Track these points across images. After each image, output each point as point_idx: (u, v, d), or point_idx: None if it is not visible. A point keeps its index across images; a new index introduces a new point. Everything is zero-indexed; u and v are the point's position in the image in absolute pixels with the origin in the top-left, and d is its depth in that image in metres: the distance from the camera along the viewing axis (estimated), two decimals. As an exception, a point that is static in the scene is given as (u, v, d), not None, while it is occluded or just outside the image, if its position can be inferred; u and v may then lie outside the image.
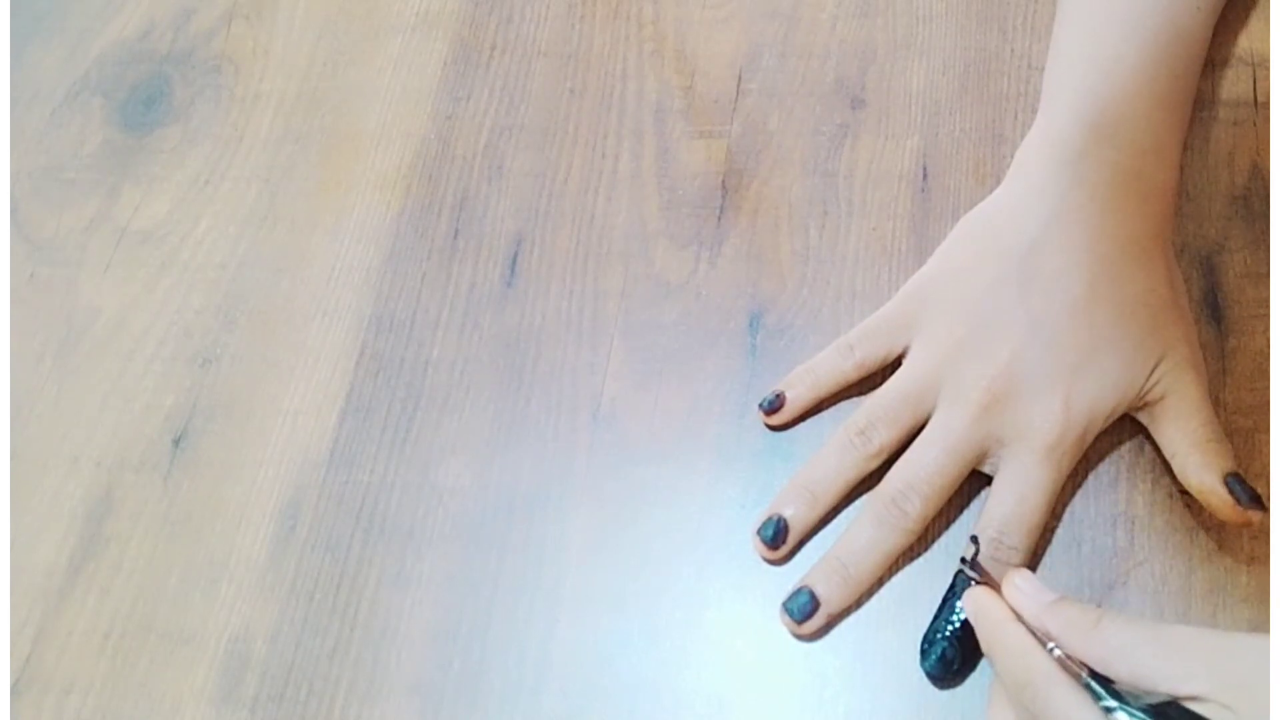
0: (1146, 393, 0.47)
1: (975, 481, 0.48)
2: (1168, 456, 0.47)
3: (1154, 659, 0.37)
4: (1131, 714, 0.36)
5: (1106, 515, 0.47)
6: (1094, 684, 0.38)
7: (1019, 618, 0.41)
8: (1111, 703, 0.37)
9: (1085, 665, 0.38)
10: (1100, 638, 0.38)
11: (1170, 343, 0.47)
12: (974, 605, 0.43)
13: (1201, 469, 0.45)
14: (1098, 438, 0.48)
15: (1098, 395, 0.46)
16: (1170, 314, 0.48)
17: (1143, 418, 0.48)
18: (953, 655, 0.45)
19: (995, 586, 0.43)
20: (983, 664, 0.45)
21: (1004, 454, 0.47)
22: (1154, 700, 0.36)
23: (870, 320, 0.51)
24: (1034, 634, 0.40)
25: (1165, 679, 0.36)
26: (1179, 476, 0.46)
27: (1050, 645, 0.39)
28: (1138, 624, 0.39)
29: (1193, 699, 0.36)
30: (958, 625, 0.45)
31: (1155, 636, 0.38)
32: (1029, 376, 0.47)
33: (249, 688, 0.49)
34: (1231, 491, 0.44)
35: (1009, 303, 0.48)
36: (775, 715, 0.46)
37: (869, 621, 0.47)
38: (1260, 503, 0.44)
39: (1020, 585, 0.42)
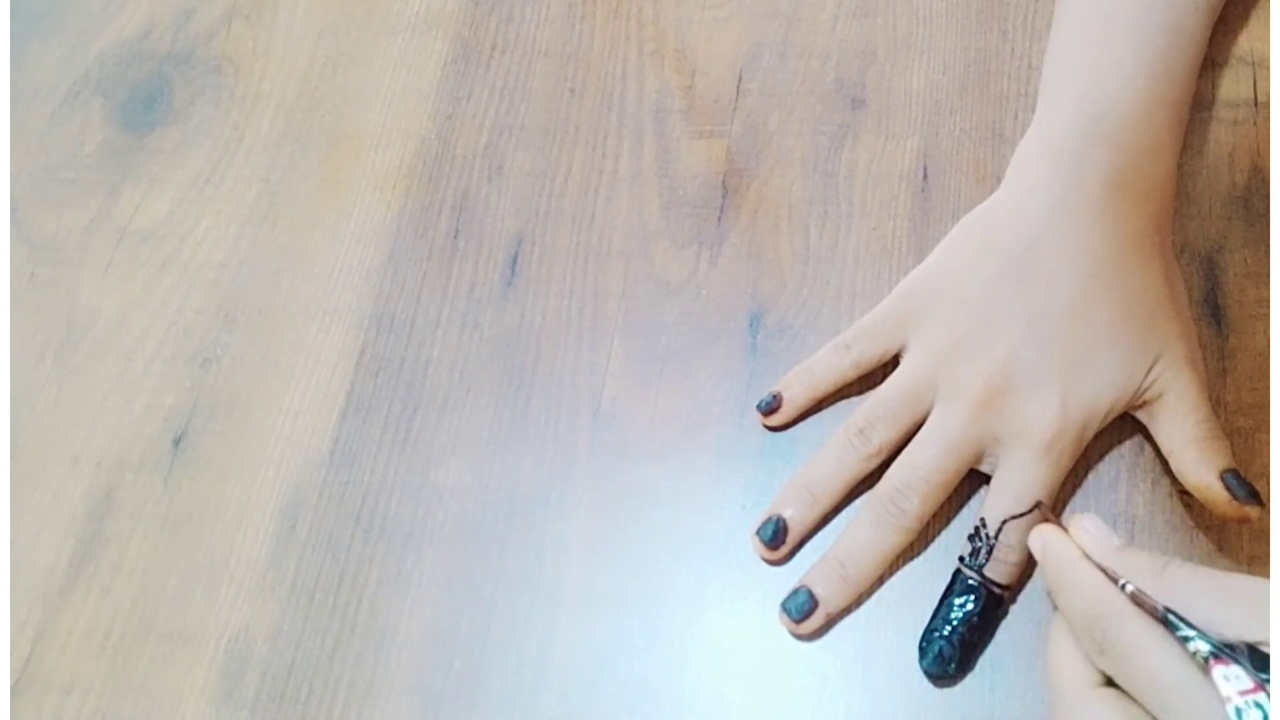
0: (1144, 391, 0.47)
1: (974, 481, 0.48)
2: (1166, 454, 0.47)
3: (1220, 606, 0.37)
4: (1209, 642, 0.36)
5: (1106, 515, 0.47)
6: (1171, 616, 0.37)
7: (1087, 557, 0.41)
8: (1190, 632, 0.36)
9: (1160, 603, 0.38)
10: (1168, 584, 0.38)
11: (1168, 341, 0.47)
12: (1043, 542, 0.42)
13: (1199, 466, 0.45)
14: (1097, 437, 0.48)
15: (1095, 393, 0.46)
16: (1168, 312, 0.48)
17: (1141, 416, 0.48)
18: (950, 653, 0.45)
19: (1060, 527, 0.42)
20: (982, 663, 0.45)
21: (1002, 452, 0.47)
22: (1225, 639, 0.36)
23: (867, 319, 0.51)
24: (1103, 568, 0.40)
25: (1232, 624, 0.36)
26: (1177, 474, 0.46)
27: (1123, 582, 0.39)
28: (1204, 572, 0.38)
29: (1259, 644, 0.35)
30: (956, 624, 0.45)
31: (1222, 585, 0.37)
32: (1026, 374, 0.47)
33: (249, 688, 0.49)
34: (1228, 487, 0.44)
35: (1006, 301, 0.48)
36: (775, 715, 0.46)
37: (869, 621, 0.47)
38: (1258, 498, 0.44)
39: (1088, 528, 0.41)
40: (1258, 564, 0.46)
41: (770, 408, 0.51)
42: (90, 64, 0.66)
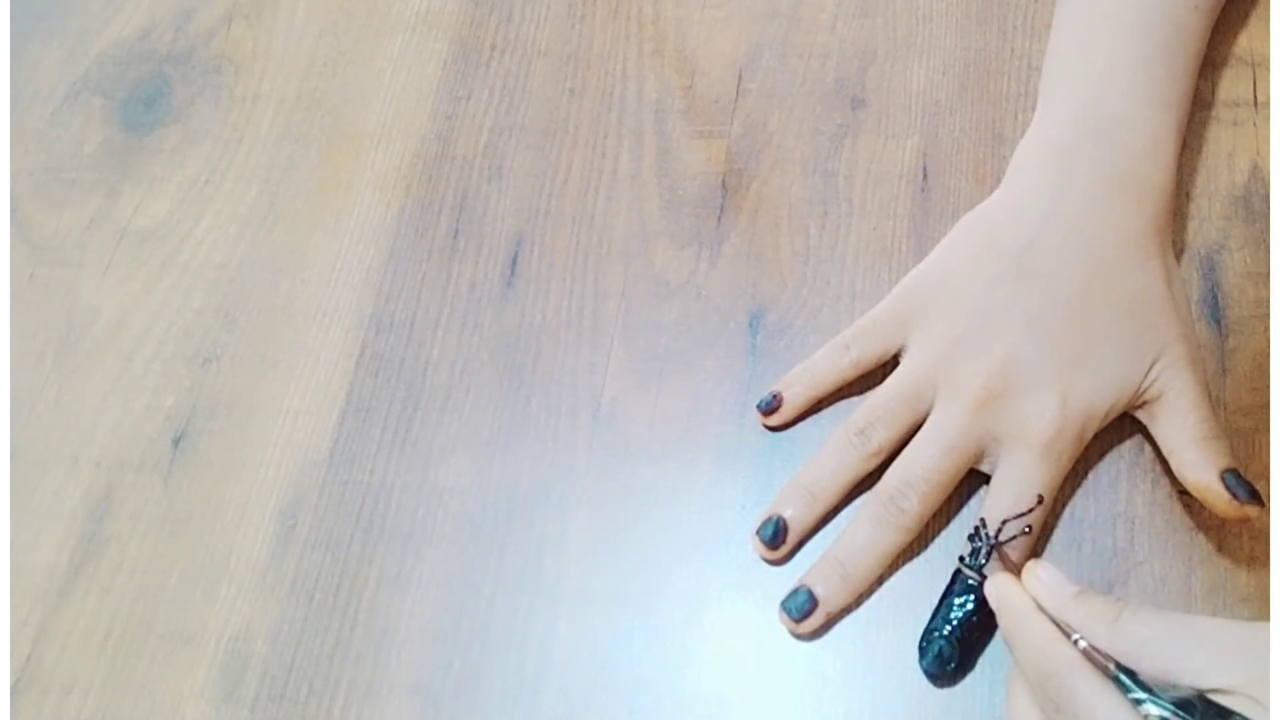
0: (1144, 390, 0.47)
1: (974, 480, 0.48)
2: (1165, 454, 0.47)
3: (1179, 652, 0.36)
4: (1161, 706, 0.35)
5: (1106, 515, 0.47)
6: (1122, 675, 0.37)
7: (1041, 609, 0.41)
8: (1140, 694, 0.36)
9: (1112, 658, 0.38)
10: (1123, 630, 0.38)
11: (1167, 340, 0.47)
12: (996, 592, 0.42)
13: (1198, 466, 0.45)
14: (1097, 437, 0.48)
15: (1094, 392, 0.46)
16: (1167, 312, 0.48)
17: (1141, 416, 0.48)
18: (950, 653, 0.45)
19: (1016, 575, 0.42)
20: (982, 663, 0.45)
21: (1001, 451, 0.47)
22: (1180, 694, 0.36)
23: (866, 318, 0.51)
24: (1056, 622, 0.40)
25: (1190, 672, 0.36)
26: (1176, 474, 0.46)
27: (1075, 636, 0.39)
28: (1161, 616, 0.38)
29: (1218, 691, 0.35)
30: (955, 623, 0.45)
31: (1180, 629, 0.37)
32: (1025, 373, 0.47)
33: (249, 688, 0.49)
34: (1228, 487, 0.44)
35: (1005, 301, 0.48)
36: (775, 715, 0.46)
37: (869, 621, 0.47)
38: (1258, 498, 0.44)
39: (1042, 577, 0.41)
40: (1258, 564, 0.46)
41: (770, 407, 0.51)
42: (90, 64, 0.66)
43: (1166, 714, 0.35)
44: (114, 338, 0.58)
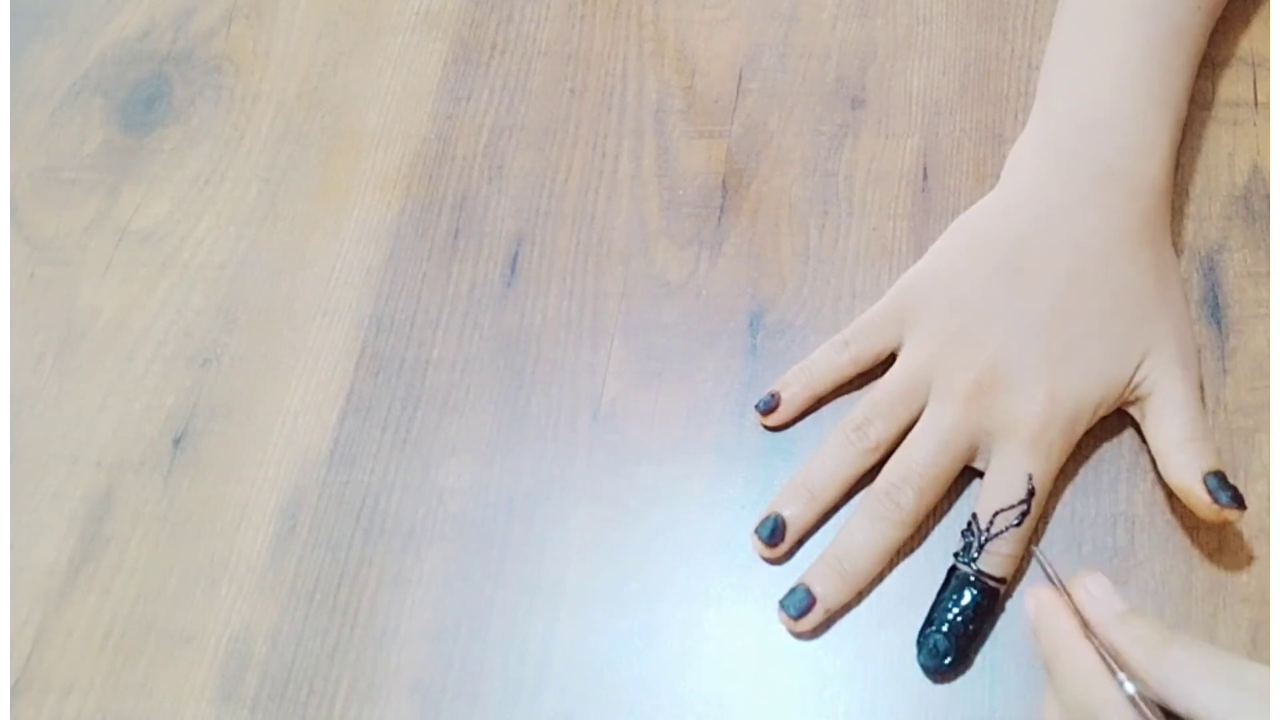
0: (1135, 387, 0.47)
1: (974, 480, 0.48)
2: (1153, 454, 0.47)
3: (1222, 696, 0.35)
4: None
5: (1106, 515, 0.47)
6: None
7: (1084, 628, 0.39)
8: None
9: (1158, 709, 0.36)
10: (1169, 662, 0.36)
11: (1158, 337, 0.47)
12: (1037, 609, 0.40)
13: (1181, 467, 0.45)
14: (1098, 436, 0.48)
15: (1082, 386, 0.47)
16: (1158, 309, 0.48)
17: (1134, 414, 0.48)
18: (946, 647, 0.45)
19: (1060, 586, 0.40)
20: (981, 663, 0.45)
21: (993, 446, 0.47)
22: None
23: (864, 317, 0.51)
24: (1102, 654, 0.38)
25: (1236, 714, 0.34)
26: (1162, 474, 0.46)
27: (1121, 677, 0.37)
28: (1209, 652, 0.36)
29: None
30: (951, 618, 0.45)
31: (1226, 671, 0.35)
32: (1013, 368, 0.47)
33: (249, 688, 0.49)
34: (1210, 490, 0.44)
35: (997, 298, 0.48)
36: (775, 715, 0.46)
37: (869, 621, 0.47)
38: (1240, 502, 0.44)
39: (1092, 590, 0.39)
40: (1258, 564, 0.46)
41: (769, 408, 0.51)
42: (90, 64, 0.66)
43: None
44: (114, 338, 0.58)
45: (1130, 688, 0.36)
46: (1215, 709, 0.34)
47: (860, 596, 0.47)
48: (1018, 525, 0.45)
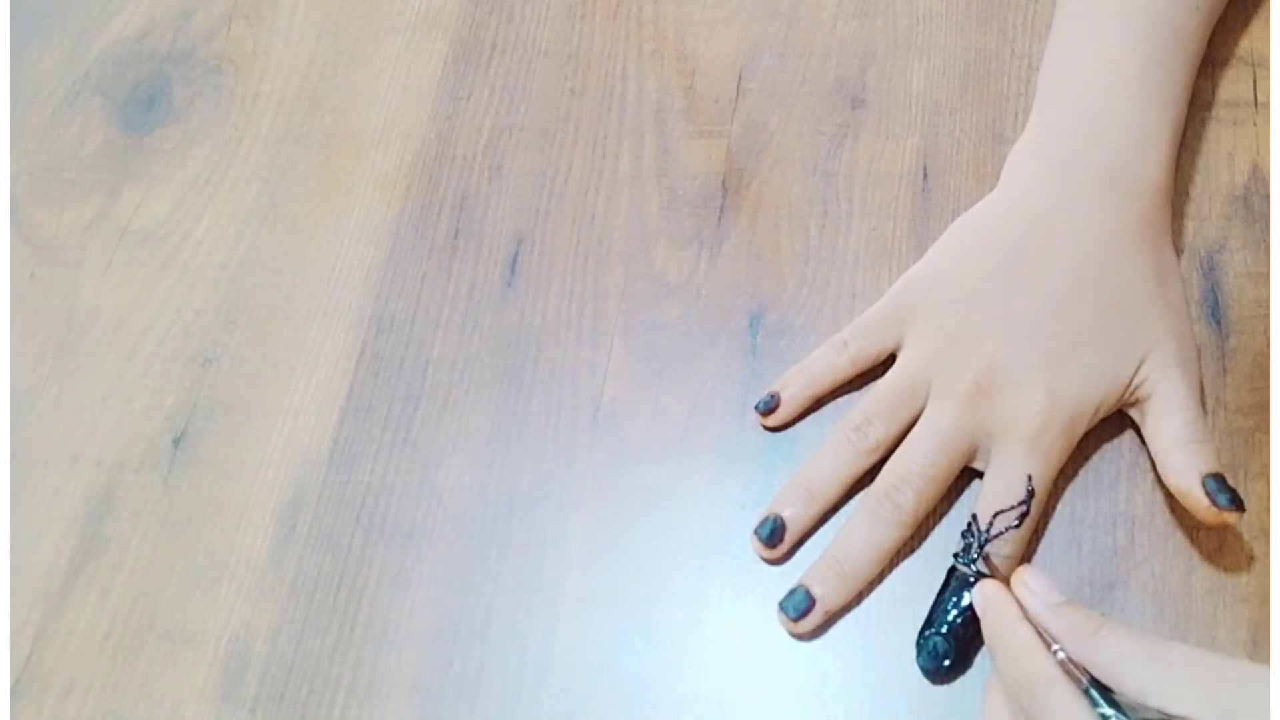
0: (1135, 388, 0.47)
1: (973, 481, 0.48)
2: (1152, 455, 0.47)
3: (1150, 674, 0.37)
4: None
5: (1106, 515, 0.47)
6: (1093, 691, 0.38)
7: (1026, 616, 0.41)
8: (1109, 710, 0.37)
9: (1088, 672, 0.38)
10: (1099, 645, 0.39)
11: (1157, 338, 0.47)
12: (983, 599, 0.43)
13: (1180, 470, 0.45)
14: (1098, 436, 0.48)
15: (1081, 387, 0.47)
16: (1157, 309, 0.48)
17: (1134, 415, 0.48)
18: (944, 649, 0.45)
19: (1005, 581, 0.43)
20: (981, 663, 0.45)
21: (993, 446, 0.47)
22: (1148, 716, 0.36)
23: (863, 317, 0.51)
24: (1040, 635, 0.40)
25: (1158, 695, 0.36)
26: (1161, 476, 0.46)
27: (1055, 648, 0.40)
28: (1138, 637, 0.39)
29: (1184, 719, 0.35)
30: (950, 620, 0.45)
31: (1154, 652, 0.38)
32: (1013, 369, 0.47)
33: (249, 688, 0.49)
34: (1208, 492, 0.44)
35: (996, 298, 0.48)
36: (775, 715, 0.46)
37: (869, 621, 0.47)
38: (1238, 504, 0.44)
39: (1029, 583, 0.42)
40: (1258, 564, 0.46)
41: (768, 408, 0.51)
42: (90, 64, 0.66)
43: None
44: (114, 338, 0.58)
45: (1061, 654, 0.39)
46: (1142, 685, 0.37)
47: (860, 597, 0.47)
48: (1017, 526, 0.45)
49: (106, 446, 0.55)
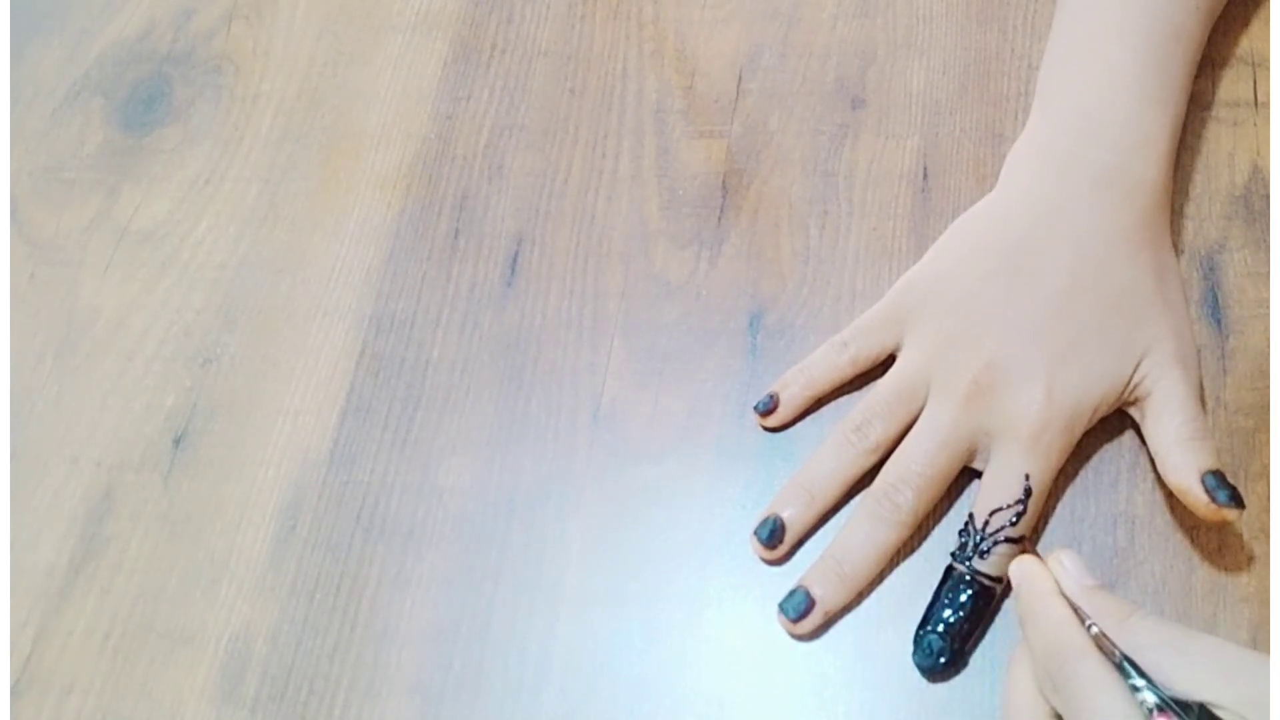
0: (1134, 387, 0.47)
1: (974, 480, 0.48)
2: (1152, 453, 0.47)
3: (1178, 661, 0.38)
4: (1159, 695, 0.37)
5: (1106, 515, 0.47)
6: (1127, 664, 0.38)
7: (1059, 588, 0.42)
8: (1140, 682, 0.37)
9: (1118, 646, 0.39)
10: (1128, 630, 0.39)
11: (1157, 337, 0.47)
12: (1020, 571, 0.44)
13: (1179, 467, 0.45)
14: (1098, 436, 0.48)
15: (1081, 386, 0.47)
16: (1157, 308, 0.48)
17: (1134, 414, 0.48)
18: (940, 646, 0.45)
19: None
20: (980, 663, 0.45)
21: (992, 446, 0.47)
22: (1177, 694, 0.37)
23: (863, 317, 0.51)
24: (1073, 605, 0.41)
25: (1184, 682, 0.37)
26: (1161, 474, 0.46)
27: (1089, 623, 0.40)
28: (1167, 625, 0.39)
29: (1209, 705, 0.36)
30: (947, 617, 0.45)
31: (1181, 640, 0.38)
32: (1013, 368, 0.47)
33: (249, 688, 0.49)
34: (1207, 489, 0.44)
35: (996, 298, 0.48)
36: (775, 715, 0.46)
37: (869, 621, 0.47)
38: (1238, 501, 0.44)
39: (1066, 564, 0.43)
40: (1258, 564, 0.46)
41: (768, 409, 0.51)
42: (90, 64, 0.66)
43: (1162, 701, 0.36)
44: (114, 338, 0.58)
45: (1096, 629, 0.40)
46: (1172, 673, 0.37)
47: (860, 597, 0.47)
48: (1014, 525, 0.45)
49: (106, 446, 0.55)
